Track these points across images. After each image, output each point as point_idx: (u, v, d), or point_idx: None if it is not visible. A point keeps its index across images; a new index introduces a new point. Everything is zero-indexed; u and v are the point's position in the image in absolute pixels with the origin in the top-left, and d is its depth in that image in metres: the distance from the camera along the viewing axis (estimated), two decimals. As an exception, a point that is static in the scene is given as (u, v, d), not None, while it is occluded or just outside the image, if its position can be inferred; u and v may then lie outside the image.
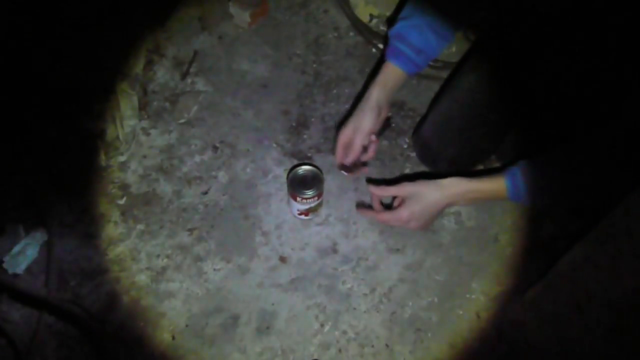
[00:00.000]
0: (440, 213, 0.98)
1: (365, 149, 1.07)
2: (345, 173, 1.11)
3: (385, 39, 1.10)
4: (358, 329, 1.00)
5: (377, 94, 1.01)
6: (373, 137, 1.05)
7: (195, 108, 1.27)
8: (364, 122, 1.02)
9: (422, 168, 1.17)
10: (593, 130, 0.80)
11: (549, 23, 0.88)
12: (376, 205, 1.04)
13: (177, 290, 1.04)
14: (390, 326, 1.00)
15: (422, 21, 0.96)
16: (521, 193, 0.86)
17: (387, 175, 1.17)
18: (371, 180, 1.14)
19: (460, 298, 1.04)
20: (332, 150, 1.10)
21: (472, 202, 0.95)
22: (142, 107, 1.26)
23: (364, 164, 1.10)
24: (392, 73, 1.01)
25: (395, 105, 1.26)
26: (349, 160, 1.07)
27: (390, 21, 1.04)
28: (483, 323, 1.01)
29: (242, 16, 1.37)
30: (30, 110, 1.18)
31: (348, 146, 1.05)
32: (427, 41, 0.97)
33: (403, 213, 0.95)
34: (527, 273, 1.05)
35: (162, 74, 1.32)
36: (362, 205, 1.11)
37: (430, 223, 0.99)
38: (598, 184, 0.81)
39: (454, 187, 0.93)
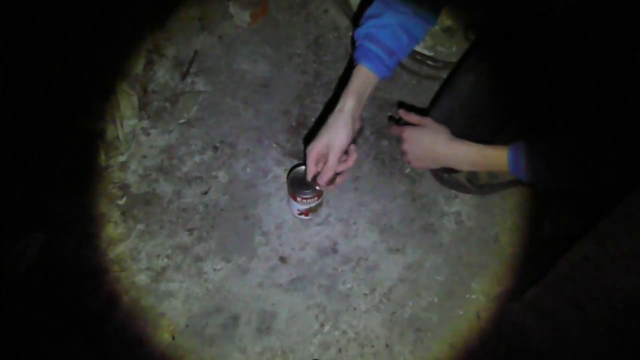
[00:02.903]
0: (434, 160, 1.00)
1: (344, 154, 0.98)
2: (318, 187, 1.00)
3: (352, 41, 1.01)
4: (358, 329, 1.00)
5: (351, 104, 0.92)
6: (352, 147, 0.97)
7: (195, 108, 1.27)
8: (339, 138, 0.92)
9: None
10: (599, 124, 0.80)
11: (549, 22, 0.88)
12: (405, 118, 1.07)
13: (177, 290, 1.04)
14: (390, 326, 1.00)
15: (394, 20, 0.90)
16: (521, 164, 0.87)
17: (387, 175, 1.17)
18: (403, 105, 1.22)
19: (460, 298, 1.04)
20: (304, 162, 1.00)
21: (473, 167, 0.98)
22: (142, 107, 1.26)
23: (339, 173, 0.99)
24: (365, 79, 0.93)
25: (395, 105, 1.26)
26: (323, 179, 0.95)
27: (356, 19, 0.96)
28: (483, 323, 1.01)
29: (242, 16, 1.37)
30: (30, 110, 1.17)
31: (320, 162, 0.96)
32: (399, 42, 0.91)
33: (406, 130, 1.01)
34: (527, 273, 1.05)
35: (162, 74, 1.32)
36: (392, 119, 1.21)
37: (418, 159, 1.02)
38: (599, 169, 0.82)
39: (460, 142, 0.96)
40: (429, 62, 1.31)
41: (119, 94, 1.23)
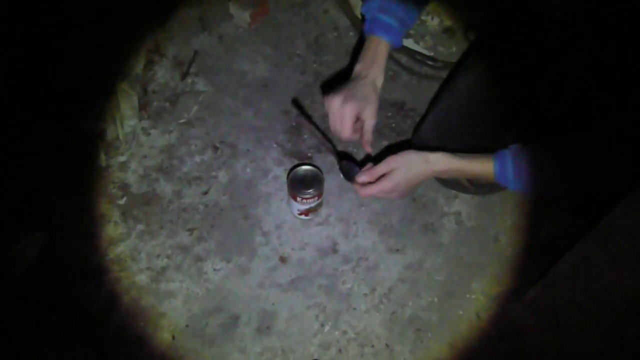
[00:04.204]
0: (422, 184, 0.98)
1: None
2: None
3: (361, 16, 1.01)
4: (358, 329, 1.00)
5: (381, 82, 0.96)
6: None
7: (195, 108, 1.27)
8: (373, 117, 0.95)
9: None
10: (599, 124, 0.80)
11: (549, 22, 0.88)
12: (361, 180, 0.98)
13: (177, 290, 1.04)
14: (390, 326, 1.00)
15: None
16: (508, 175, 0.85)
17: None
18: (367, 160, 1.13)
19: (460, 298, 1.04)
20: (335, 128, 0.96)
21: (461, 175, 0.97)
22: (142, 107, 1.26)
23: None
24: (385, 52, 0.94)
25: (395, 105, 1.26)
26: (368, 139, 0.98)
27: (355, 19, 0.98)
28: (483, 323, 1.01)
29: (242, 16, 1.37)
30: (30, 110, 1.17)
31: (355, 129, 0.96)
32: (410, 13, 0.94)
33: (387, 184, 0.92)
34: (527, 273, 1.05)
35: (162, 74, 1.32)
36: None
37: (410, 193, 1.01)
38: (593, 174, 0.81)
39: (440, 163, 0.91)
40: (429, 62, 1.31)
41: (119, 94, 1.23)
